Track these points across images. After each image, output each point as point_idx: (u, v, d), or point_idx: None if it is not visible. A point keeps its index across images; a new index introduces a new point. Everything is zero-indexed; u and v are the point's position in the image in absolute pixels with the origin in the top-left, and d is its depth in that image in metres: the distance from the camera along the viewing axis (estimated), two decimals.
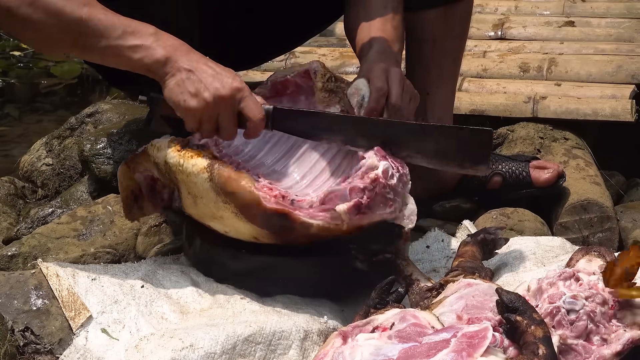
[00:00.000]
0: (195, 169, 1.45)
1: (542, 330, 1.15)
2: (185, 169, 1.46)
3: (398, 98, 1.54)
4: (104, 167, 1.99)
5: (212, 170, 1.44)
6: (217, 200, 1.44)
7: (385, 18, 1.70)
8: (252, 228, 1.44)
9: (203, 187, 1.45)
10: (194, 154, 1.46)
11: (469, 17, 1.94)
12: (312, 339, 1.40)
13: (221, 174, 1.43)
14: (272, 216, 1.41)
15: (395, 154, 1.50)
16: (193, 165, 1.45)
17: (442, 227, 1.86)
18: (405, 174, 1.48)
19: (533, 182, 1.89)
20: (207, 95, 1.46)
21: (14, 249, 1.70)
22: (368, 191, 1.42)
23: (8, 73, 3.79)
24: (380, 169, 1.43)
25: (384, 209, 1.43)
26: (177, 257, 1.64)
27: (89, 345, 1.38)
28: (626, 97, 2.27)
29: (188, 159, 1.46)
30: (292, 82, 1.71)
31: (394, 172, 1.45)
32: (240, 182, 1.42)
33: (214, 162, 1.45)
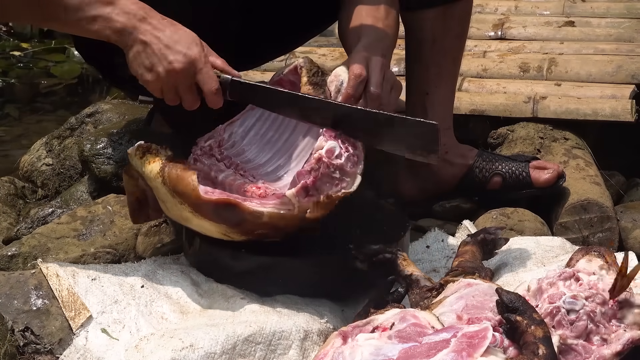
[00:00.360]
0: (152, 175, 1.45)
1: (542, 330, 1.15)
2: (147, 175, 1.47)
3: (377, 85, 1.52)
4: (104, 167, 1.99)
5: (163, 174, 1.44)
6: (175, 202, 1.45)
7: (376, 17, 1.69)
8: (212, 225, 1.45)
9: (162, 191, 1.46)
10: (151, 158, 1.46)
11: (468, 16, 1.94)
12: (312, 339, 1.40)
13: (170, 176, 1.43)
14: (220, 208, 1.42)
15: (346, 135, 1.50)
16: (150, 171, 1.46)
17: (442, 227, 1.86)
18: (356, 154, 1.48)
19: (533, 182, 1.89)
20: (161, 69, 1.45)
21: (14, 249, 1.70)
22: (313, 171, 1.43)
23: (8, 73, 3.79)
24: (324, 149, 1.44)
25: (330, 188, 1.44)
26: (177, 257, 1.64)
27: (89, 345, 1.38)
28: (626, 97, 2.27)
29: (147, 164, 1.46)
30: (286, 81, 1.73)
31: (341, 152, 1.45)
32: (185, 181, 1.42)
33: (165, 165, 1.45)
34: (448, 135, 1.93)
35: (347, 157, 1.46)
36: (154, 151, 1.47)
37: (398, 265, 1.48)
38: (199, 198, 1.41)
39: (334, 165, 1.44)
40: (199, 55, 1.46)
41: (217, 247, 1.54)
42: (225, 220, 1.44)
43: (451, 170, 1.93)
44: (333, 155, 1.44)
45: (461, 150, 1.94)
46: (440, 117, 1.91)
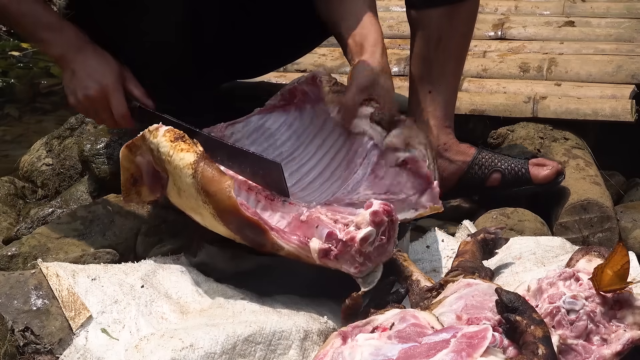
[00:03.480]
0: (182, 163, 1.43)
1: (542, 330, 1.15)
2: (173, 160, 1.45)
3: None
4: (104, 167, 2.00)
5: (197, 168, 1.42)
6: (198, 198, 1.44)
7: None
8: (228, 231, 1.45)
9: (186, 182, 1.44)
10: (184, 147, 1.45)
11: (474, 16, 1.94)
12: (312, 339, 1.40)
13: (205, 174, 1.42)
14: (246, 226, 1.42)
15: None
16: (181, 159, 1.44)
17: (442, 227, 1.86)
18: (387, 247, 1.45)
19: (532, 179, 1.89)
20: (80, 95, 1.70)
21: (14, 249, 1.70)
22: (341, 244, 1.41)
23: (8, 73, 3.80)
24: (361, 234, 1.41)
25: (349, 267, 1.43)
26: (177, 257, 1.64)
27: (89, 345, 1.38)
28: (626, 97, 2.27)
29: (178, 151, 1.44)
30: (300, 90, 1.75)
31: (375, 240, 1.42)
32: (221, 185, 1.41)
33: (201, 160, 1.43)
34: (449, 133, 1.94)
35: (377, 246, 1.43)
36: (187, 141, 1.46)
37: (398, 266, 1.48)
38: (234, 208, 1.41)
39: (363, 252, 1.42)
40: (112, 84, 1.68)
41: (217, 247, 1.54)
42: (243, 235, 1.44)
43: (451, 167, 1.93)
44: (366, 243, 1.42)
45: (461, 148, 1.94)
46: (441, 115, 1.92)
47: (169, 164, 1.46)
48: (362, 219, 1.42)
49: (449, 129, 1.94)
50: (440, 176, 1.93)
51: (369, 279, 1.44)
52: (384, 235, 1.43)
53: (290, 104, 1.77)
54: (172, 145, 1.45)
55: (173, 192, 1.49)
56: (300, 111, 1.76)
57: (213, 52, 1.95)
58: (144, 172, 1.55)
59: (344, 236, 1.41)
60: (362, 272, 1.43)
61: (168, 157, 1.45)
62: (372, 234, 1.42)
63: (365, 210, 1.42)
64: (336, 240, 1.41)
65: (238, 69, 2.19)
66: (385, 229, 1.43)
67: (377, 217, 1.42)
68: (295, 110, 1.76)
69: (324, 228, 1.43)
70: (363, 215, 1.42)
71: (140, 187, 1.58)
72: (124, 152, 1.55)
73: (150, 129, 1.49)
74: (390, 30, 2.89)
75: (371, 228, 1.41)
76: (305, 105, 1.76)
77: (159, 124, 1.49)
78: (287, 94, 1.77)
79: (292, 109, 1.76)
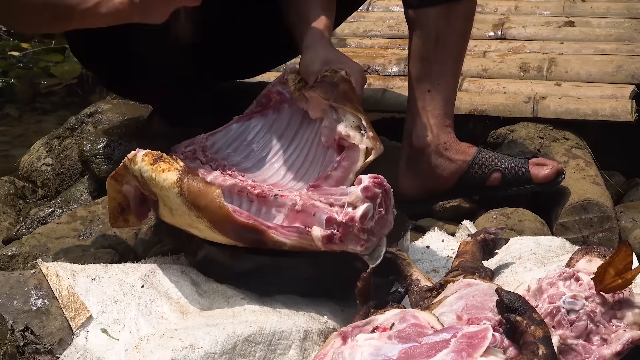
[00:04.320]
0: (167, 184, 1.44)
1: (542, 330, 1.15)
2: (157, 182, 1.46)
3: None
4: (104, 167, 2.00)
5: (182, 185, 1.43)
6: (190, 214, 1.44)
7: None
8: (227, 239, 1.45)
9: (175, 201, 1.45)
10: (165, 167, 1.45)
11: (472, 15, 1.94)
12: (312, 339, 1.40)
13: (191, 189, 1.42)
14: (244, 230, 1.42)
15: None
16: (164, 179, 1.44)
17: (442, 227, 1.86)
18: (387, 218, 1.46)
19: (532, 178, 1.89)
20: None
21: (14, 249, 1.70)
22: (343, 226, 1.42)
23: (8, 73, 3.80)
24: (359, 212, 1.41)
25: (354, 246, 1.43)
26: (177, 257, 1.64)
27: (89, 345, 1.38)
28: (626, 97, 2.27)
29: (159, 172, 1.45)
30: (274, 92, 1.78)
31: (374, 214, 1.43)
32: (210, 196, 1.41)
33: (184, 176, 1.44)
34: (448, 132, 1.94)
35: (378, 219, 1.44)
36: (166, 160, 1.47)
37: (398, 265, 1.48)
38: (228, 216, 1.41)
39: (365, 229, 1.43)
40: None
41: (217, 247, 1.54)
42: (245, 240, 1.44)
43: (451, 166, 1.93)
44: (366, 219, 1.42)
45: (461, 147, 1.94)
46: (441, 114, 1.92)
47: (154, 186, 1.47)
48: (355, 197, 1.42)
49: (449, 127, 1.94)
50: (440, 176, 1.94)
51: (375, 254, 1.45)
52: (381, 207, 1.44)
53: (268, 108, 1.78)
54: (152, 168, 1.46)
55: (165, 212, 1.50)
56: (278, 112, 1.77)
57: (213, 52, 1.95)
58: (131, 200, 1.57)
59: (344, 218, 1.41)
60: (369, 248, 1.44)
61: (152, 181, 1.46)
62: (370, 209, 1.42)
63: (356, 187, 1.43)
64: (337, 224, 1.42)
65: (238, 68, 2.19)
66: (380, 200, 1.44)
67: (370, 192, 1.43)
68: (273, 112, 1.77)
69: (322, 214, 1.43)
70: (355, 193, 1.43)
71: (127, 215, 1.60)
72: (110, 182, 1.57)
73: (129, 156, 1.50)
74: (390, 30, 2.89)
75: (368, 203, 1.42)
76: (283, 105, 1.77)
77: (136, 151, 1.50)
78: (262, 99, 1.79)
79: (269, 112, 1.78)
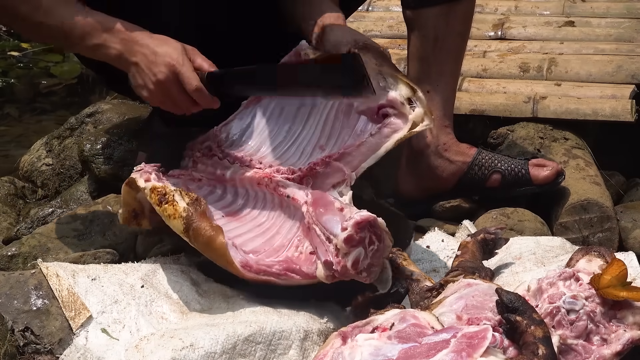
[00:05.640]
0: (176, 229, 1.47)
1: (542, 330, 1.15)
2: (167, 223, 1.48)
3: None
4: (104, 167, 1.99)
5: (189, 235, 1.45)
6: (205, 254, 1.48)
7: None
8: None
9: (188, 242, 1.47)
10: (171, 212, 1.47)
11: (471, 16, 1.94)
12: (312, 339, 1.40)
13: (198, 240, 1.45)
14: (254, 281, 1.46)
15: None
16: (174, 226, 1.47)
17: (442, 227, 1.86)
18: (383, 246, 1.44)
19: (532, 179, 1.89)
20: (150, 84, 1.57)
21: (14, 249, 1.70)
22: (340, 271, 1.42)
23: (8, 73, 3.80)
24: (349, 262, 1.41)
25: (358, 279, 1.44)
26: (177, 257, 1.64)
27: (89, 345, 1.38)
28: (626, 97, 2.27)
29: (167, 217, 1.47)
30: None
31: (367, 253, 1.42)
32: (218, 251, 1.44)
33: (190, 224, 1.44)
34: (448, 133, 1.94)
35: (373, 254, 1.43)
36: (170, 201, 1.47)
37: (398, 265, 1.48)
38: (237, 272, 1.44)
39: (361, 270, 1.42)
40: (177, 61, 1.56)
41: None
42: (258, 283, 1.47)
43: (451, 167, 1.93)
44: (359, 263, 1.41)
45: (461, 148, 1.94)
46: (440, 115, 1.92)
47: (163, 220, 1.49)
48: (341, 247, 1.41)
49: (448, 128, 1.94)
50: (439, 177, 1.94)
51: (382, 278, 1.45)
52: (372, 244, 1.43)
53: None
54: (159, 209, 1.48)
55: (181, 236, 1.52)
56: None
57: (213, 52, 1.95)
58: (146, 207, 1.58)
59: (337, 266, 1.41)
60: (372, 278, 1.44)
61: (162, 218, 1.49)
62: (360, 254, 1.41)
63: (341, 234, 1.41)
64: (333, 270, 1.42)
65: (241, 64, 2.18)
66: (369, 238, 1.42)
67: (353, 241, 1.41)
68: None
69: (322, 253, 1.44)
70: (340, 242, 1.41)
71: (141, 219, 1.61)
72: (125, 188, 1.58)
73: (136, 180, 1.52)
74: (390, 30, 2.89)
75: (355, 251, 1.41)
76: None
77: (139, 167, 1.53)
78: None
79: None
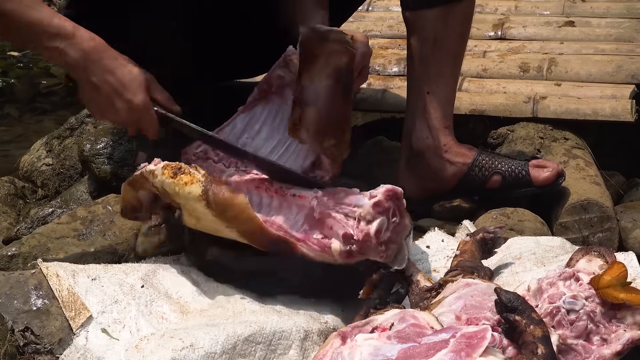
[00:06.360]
0: (192, 196, 1.46)
1: (541, 329, 1.15)
2: (181, 195, 1.47)
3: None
4: (104, 167, 1.99)
5: (207, 198, 1.44)
6: (220, 223, 1.46)
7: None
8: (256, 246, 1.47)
9: (203, 212, 1.46)
10: (187, 180, 1.46)
11: (470, 17, 1.94)
12: (312, 339, 1.40)
13: (217, 201, 1.44)
14: (274, 241, 1.45)
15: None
16: (188, 192, 1.46)
17: (442, 227, 1.86)
18: (403, 223, 1.46)
19: (532, 180, 1.89)
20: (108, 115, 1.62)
21: (14, 249, 1.70)
22: (360, 242, 1.42)
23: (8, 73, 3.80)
24: (373, 228, 1.42)
25: (374, 256, 1.44)
26: (177, 257, 1.64)
27: (89, 345, 1.38)
28: (626, 97, 2.27)
29: (182, 186, 1.46)
30: (275, 77, 1.74)
31: (389, 225, 1.43)
32: (239, 207, 1.43)
33: (209, 188, 1.45)
34: (448, 134, 1.94)
35: (394, 227, 1.44)
36: (187, 171, 1.47)
37: None
38: (259, 228, 1.43)
39: (382, 242, 1.43)
40: (142, 103, 1.59)
41: (217, 248, 1.54)
42: (272, 249, 1.46)
43: (451, 169, 1.93)
44: (381, 233, 1.42)
45: (461, 149, 1.94)
46: (440, 115, 1.92)
47: (178, 198, 1.48)
48: (367, 213, 1.42)
49: (448, 129, 1.94)
50: (439, 178, 1.94)
51: (398, 259, 1.46)
52: (394, 216, 1.44)
53: (269, 94, 1.75)
54: (174, 181, 1.47)
55: (190, 220, 1.51)
56: (280, 97, 1.75)
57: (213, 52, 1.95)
58: (145, 204, 1.59)
59: (359, 234, 1.41)
60: (389, 256, 1.44)
61: (175, 193, 1.48)
62: (384, 222, 1.43)
63: (368, 201, 1.43)
64: (353, 241, 1.42)
65: (237, 68, 2.19)
66: (393, 209, 1.44)
67: (381, 207, 1.43)
68: (276, 97, 1.75)
69: (339, 229, 1.44)
70: (367, 208, 1.42)
71: (138, 213, 1.62)
72: (125, 187, 1.59)
73: (147, 169, 1.52)
74: (390, 30, 2.89)
75: (380, 218, 1.42)
76: (285, 89, 1.75)
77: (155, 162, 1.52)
78: (263, 85, 1.76)
79: (273, 98, 1.75)
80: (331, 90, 1.61)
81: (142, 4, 1.72)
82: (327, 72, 1.61)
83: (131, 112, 1.59)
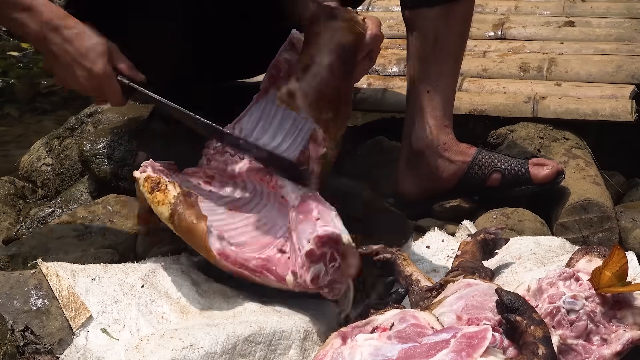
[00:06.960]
0: (163, 217, 1.48)
1: (542, 330, 1.15)
2: (155, 212, 1.49)
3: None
4: (104, 167, 1.99)
5: (173, 221, 1.46)
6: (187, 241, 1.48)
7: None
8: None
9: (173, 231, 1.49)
10: (160, 199, 1.48)
11: (470, 16, 1.94)
12: (312, 339, 1.40)
13: (181, 226, 1.45)
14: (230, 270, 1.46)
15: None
16: (160, 213, 1.48)
17: (442, 227, 1.86)
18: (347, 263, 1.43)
19: (532, 178, 1.89)
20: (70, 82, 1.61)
21: (14, 249, 1.70)
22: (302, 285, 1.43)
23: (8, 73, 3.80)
24: (308, 278, 1.42)
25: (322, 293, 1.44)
26: (177, 257, 1.64)
27: (89, 345, 1.38)
28: (626, 97, 2.27)
29: (156, 205, 1.48)
30: (282, 61, 1.73)
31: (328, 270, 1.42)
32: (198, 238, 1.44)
33: (175, 211, 1.45)
34: (448, 133, 1.94)
35: (334, 271, 1.43)
36: (162, 188, 1.48)
37: (398, 265, 1.48)
38: (214, 260, 1.45)
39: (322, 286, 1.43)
40: (103, 72, 1.59)
41: None
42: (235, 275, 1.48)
43: (451, 167, 1.93)
44: (319, 279, 1.42)
45: (460, 148, 1.94)
46: (440, 115, 1.92)
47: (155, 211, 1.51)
48: (302, 262, 1.42)
49: (448, 128, 1.94)
50: (439, 177, 1.94)
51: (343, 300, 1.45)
52: (333, 260, 1.42)
53: (279, 78, 1.75)
54: (150, 197, 1.49)
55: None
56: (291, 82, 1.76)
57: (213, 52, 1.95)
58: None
59: (300, 279, 1.42)
60: (336, 294, 1.44)
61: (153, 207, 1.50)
62: (320, 270, 1.42)
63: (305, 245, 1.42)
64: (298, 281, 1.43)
65: (237, 69, 2.19)
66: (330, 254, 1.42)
67: (314, 256, 1.42)
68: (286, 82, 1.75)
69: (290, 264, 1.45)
70: (302, 258, 1.42)
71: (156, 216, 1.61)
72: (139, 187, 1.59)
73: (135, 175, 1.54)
74: (390, 30, 2.89)
75: (314, 267, 1.41)
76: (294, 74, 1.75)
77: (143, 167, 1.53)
78: (272, 70, 1.75)
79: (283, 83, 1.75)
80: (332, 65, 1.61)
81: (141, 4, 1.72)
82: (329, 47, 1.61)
83: (92, 80, 1.59)
